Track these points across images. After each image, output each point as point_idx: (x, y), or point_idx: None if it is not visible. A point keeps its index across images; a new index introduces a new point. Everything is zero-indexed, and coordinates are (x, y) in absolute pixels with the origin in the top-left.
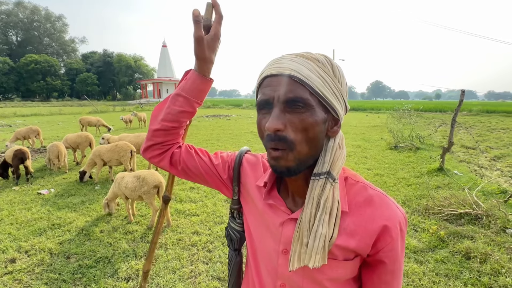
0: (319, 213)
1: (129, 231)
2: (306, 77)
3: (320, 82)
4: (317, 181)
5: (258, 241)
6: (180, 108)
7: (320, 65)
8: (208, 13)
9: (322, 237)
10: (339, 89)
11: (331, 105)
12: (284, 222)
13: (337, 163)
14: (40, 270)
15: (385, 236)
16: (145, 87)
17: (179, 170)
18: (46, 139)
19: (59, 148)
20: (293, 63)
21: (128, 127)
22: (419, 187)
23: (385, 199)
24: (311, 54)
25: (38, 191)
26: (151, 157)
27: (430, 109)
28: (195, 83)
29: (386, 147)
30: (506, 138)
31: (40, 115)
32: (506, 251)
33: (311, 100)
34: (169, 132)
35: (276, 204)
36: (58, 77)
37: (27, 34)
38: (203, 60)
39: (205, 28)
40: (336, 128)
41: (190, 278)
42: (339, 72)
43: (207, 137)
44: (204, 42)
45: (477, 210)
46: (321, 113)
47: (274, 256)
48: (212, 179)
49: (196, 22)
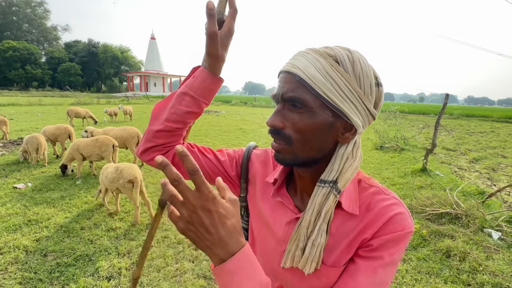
0: (319, 222)
1: (112, 227)
2: (309, 77)
3: (326, 84)
4: (322, 188)
5: (259, 240)
6: (187, 108)
7: (333, 64)
8: (222, 6)
9: (320, 246)
10: (356, 92)
11: (340, 109)
12: (291, 221)
13: (345, 174)
14: (14, 268)
15: (386, 227)
16: (131, 79)
17: (182, 171)
18: (24, 131)
19: (38, 140)
20: (302, 60)
21: (113, 121)
22: (403, 187)
23: (399, 207)
24: (329, 50)
25: (14, 185)
26: (150, 159)
27: (414, 111)
28: (205, 82)
29: (372, 147)
30: (484, 142)
31: (18, 105)
32: (483, 249)
33: (311, 102)
34: (173, 134)
35: (284, 202)
36: (39, 65)
37: (5, 19)
38: (215, 58)
39: (217, 22)
40: (348, 134)
41: (175, 276)
42: (362, 73)
43: (196, 133)
44: (217, 38)
45: (457, 210)
46: (325, 116)
47: (275, 257)
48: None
49: (210, 16)
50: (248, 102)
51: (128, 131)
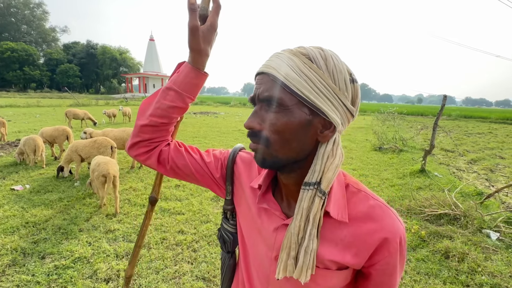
0: (309, 228)
1: (110, 229)
2: (284, 75)
3: (300, 81)
4: (307, 191)
5: (250, 245)
6: (171, 103)
7: (306, 62)
8: (205, 1)
9: (313, 252)
10: (331, 88)
11: (316, 107)
12: (278, 228)
13: (327, 174)
14: (12, 271)
15: (383, 249)
16: (130, 81)
17: (168, 169)
18: (22, 132)
19: (36, 141)
20: (276, 60)
21: (112, 122)
22: (402, 188)
23: (387, 211)
24: (302, 48)
25: (12, 186)
26: (137, 154)
27: (413, 112)
28: (188, 76)
29: (371, 148)
30: (482, 143)
31: (16, 107)
32: (482, 250)
33: (287, 100)
34: (158, 129)
35: (271, 209)
36: (37, 67)
37: (3, 20)
38: (198, 52)
39: (201, 18)
40: (327, 132)
41: (174, 278)
42: (336, 69)
43: (194, 134)
44: (199, 33)
45: (455, 211)
46: (302, 114)
47: (266, 262)
48: (204, 178)
49: (191, 11)
50: (247, 103)
51: (127, 132)
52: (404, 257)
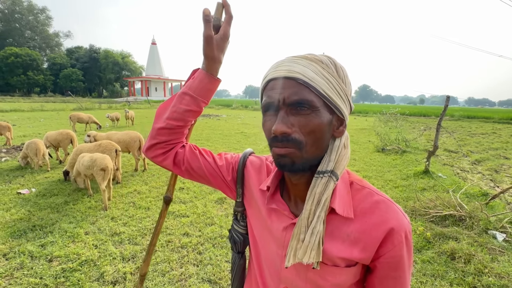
0: (318, 210)
1: (116, 232)
2: (310, 79)
3: (325, 84)
4: (320, 178)
5: (262, 245)
6: (187, 107)
7: (324, 67)
8: (218, 12)
9: (319, 234)
10: (344, 90)
11: (336, 106)
12: (287, 227)
13: (341, 162)
14: (20, 274)
15: (388, 242)
16: (132, 84)
17: (183, 170)
18: (27, 137)
19: (37, 145)
20: (297, 66)
21: (115, 125)
22: (405, 189)
23: (392, 206)
24: (314, 55)
25: (18, 190)
26: (154, 156)
27: (415, 113)
28: (203, 82)
29: (374, 149)
30: (485, 143)
31: (20, 111)
32: (488, 251)
33: (316, 101)
34: (174, 131)
35: (279, 209)
36: (41, 71)
37: (8, 25)
38: (212, 59)
39: (214, 27)
40: (341, 128)
41: (180, 281)
42: (343, 73)
43: (197, 137)
44: (213, 41)
45: (461, 212)
46: (327, 114)
47: (277, 261)
48: (216, 180)
49: (206, 21)
50: (249, 105)
51: (130, 136)
52: (411, 254)
